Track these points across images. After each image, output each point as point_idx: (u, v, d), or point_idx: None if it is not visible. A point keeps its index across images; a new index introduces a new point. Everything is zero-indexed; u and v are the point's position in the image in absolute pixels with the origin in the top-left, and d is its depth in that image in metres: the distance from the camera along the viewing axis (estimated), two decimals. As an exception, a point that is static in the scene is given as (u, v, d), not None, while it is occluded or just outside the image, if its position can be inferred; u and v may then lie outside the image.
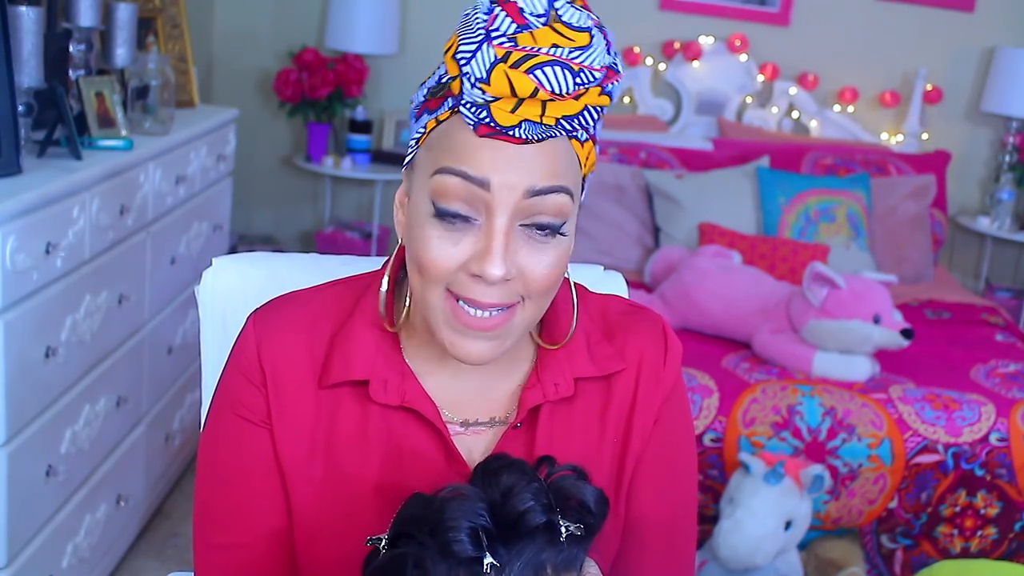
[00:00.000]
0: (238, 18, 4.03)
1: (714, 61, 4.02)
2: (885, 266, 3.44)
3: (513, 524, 0.82)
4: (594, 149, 0.96)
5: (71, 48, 2.34)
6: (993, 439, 2.48)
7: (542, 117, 0.87)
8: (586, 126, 0.91)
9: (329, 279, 1.08)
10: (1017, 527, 2.51)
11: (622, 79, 0.92)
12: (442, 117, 0.91)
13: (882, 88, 4.08)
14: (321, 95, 3.82)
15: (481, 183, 0.88)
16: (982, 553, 2.52)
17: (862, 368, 2.62)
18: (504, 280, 0.89)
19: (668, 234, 3.32)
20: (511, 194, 0.88)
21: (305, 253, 1.37)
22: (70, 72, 2.33)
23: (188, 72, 3.05)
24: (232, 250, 3.34)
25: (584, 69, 0.86)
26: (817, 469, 2.28)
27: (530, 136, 0.88)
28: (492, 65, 0.86)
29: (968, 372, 2.74)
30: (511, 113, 0.87)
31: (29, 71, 2.05)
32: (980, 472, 2.47)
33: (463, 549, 0.80)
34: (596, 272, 1.37)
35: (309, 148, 3.92)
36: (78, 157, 2.09)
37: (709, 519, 2.41)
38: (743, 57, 4.02)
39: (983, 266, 4.17)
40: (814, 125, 4.04)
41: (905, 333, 2.61)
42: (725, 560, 2.24)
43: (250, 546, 1.01)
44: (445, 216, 0.89)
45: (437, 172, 0.90)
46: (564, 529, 0.83)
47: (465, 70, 0.87)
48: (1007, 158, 4.03)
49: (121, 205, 2.22)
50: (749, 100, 4.06)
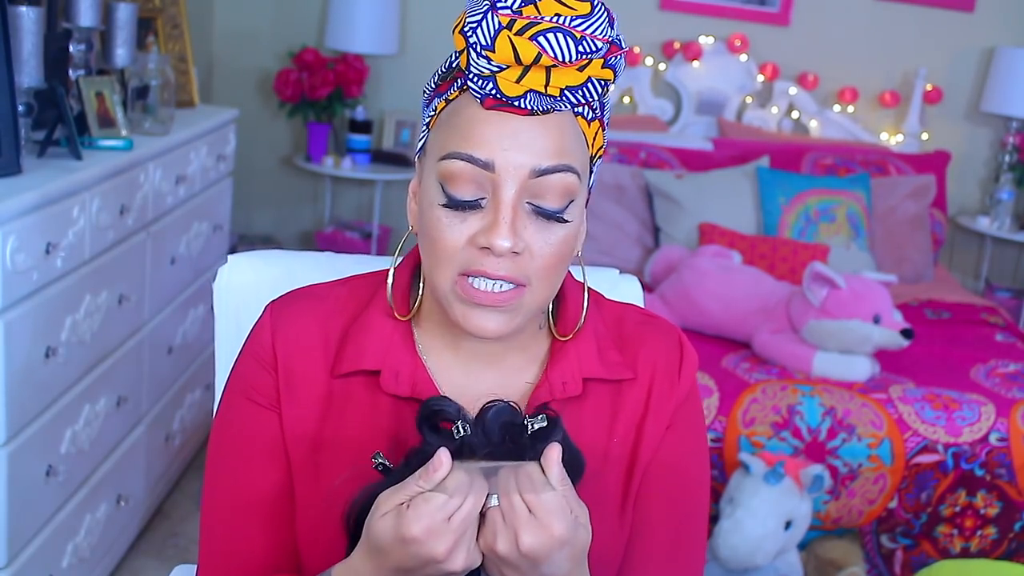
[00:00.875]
0: (238, 18, 4.03)
1: (714, 61, 4.02)
2: (885, 266, 3.44)
3: (484, 426, 0.87)
4: (602, 132, 0.97)
5: (71, 48, 2.34)
6: (993, 439, 2.48)
7: (547, 87, 0.89)
8: (590, 100, 0.93)
9: (342, 277, 1.09)
10: (1017, 527, 2.51)
11: (624, 54, 0.93)
12: (451, 97, 0.94)
13: (882, 88, 4.08)
14: (321, 95, 3.82)
15: (486, 165, 0.90)
16: (982, 553, 2.52)
17: (862, 368, 2.62)
18: (512, 253, 0.91)
19: (668, 234, 3.32)
20: (516, 173, 0.90)
21: (320, 252, 1.38)
22: (70, 72, 2.33)
23: (188, 72, 3.05)
24: (232, 250, 3.34)
25: (586, 37, 0.89)
26: (817, 469, 2.28)
27: (535, 107, 0.90)
28: (496, 32, 0.88)
29: (968, 372, 2.74)
30: (516, 83, 0.89)
31: (29, 71, 2.05)
32: (980, 472, 2.47)
33: (444, 412, 0.87)
34: (612, 275, 1.37)
35: (309, 148, 3.92)
36: (78, 157, 2.09)
37: (709, 519, 2.41)
38: (743, 57, 4.02)
39: (983, 266, 4.17)
40: (814, 125, 4.04)
41: (905, 333, 2.61)
42: (725, 560, 2.24)
43: (254, 528, 1.02)
44: (454, 203, 0.92)
45: (444, 158, 0.92)
46: (530, 424, 0.87)
47: (471, 40, 0.89)
48: (1007, 158, 4.03)
49: (121, 205, 2.22)
50: (749, 100, 4.06)
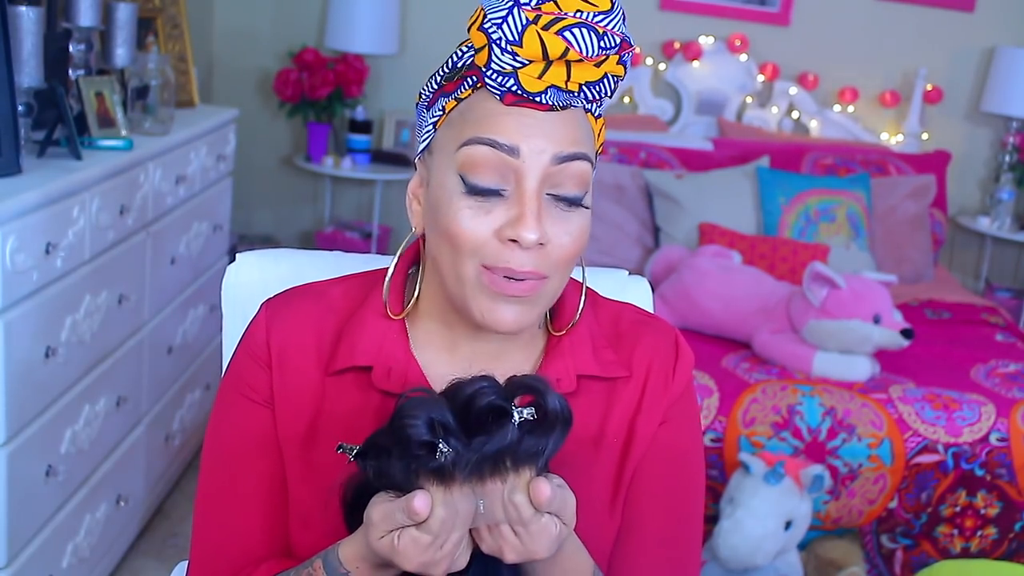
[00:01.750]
0: (238, 18, 4.03)
1: (714, 61, 4.02)
2: (885, 266, 3.44)
3: (466, 412, 0.85)
4: (604, 129, 1.00)
5: (71, 48, 2.34)
6: (993, 439, 2.48)
7: (567, 83, 0.90)
8: (604, 95, 0.94)
9: (338, 276, 1.10)
10: (1017, 527, 2.51)
11: (633, 51, 0.95)
12: (463, 95, 0.94)
13: (882, 88, 4.08)
14: (321, 95, 3.82)
15: (511, 150, 0.91)
16: (982, 553, 2.52)
17: (862, 368, 2.62)
18: (538, 245, 0.92)
19: (668, 234, 3.32)
20: (539, 159, 0.91)
21: (329, 251, 1.39)
22: (70, 72, 2.33)
23: (188, 72, 3.05)
24: (232, 250, 3.33)
25: (608, 33, 0.90)
26: (817, 469, 2.28)
27: (555, 103, 0.91)
28: (524, 27, 0.88)
29: (968, 372, 2.74)
30: (538, 79, 0.90)
31: (29, 71, 2.05)
32: (980, 472, 2.47)
33: (417, 433, 0.83)
34: (620, 276, 1.37)
35: (309, 148, 3.92)
36: (78, 157, 2.09)
37: (709, 519, 2.41)
38: (743, 57, 4.02)
39: (983, 266, 4.17)
40: (814, 125, 4.04)
41: (905, 333, 2.61)
42: (725, 560, 2.24)
43: (247, 519, 1.02)
44: (475, 192, 0.92)
45: (465, 144, 0.92)
46: (518, 415, 0.85)
47: (495, 36, 0.89)
48: (1007, 158, 4.03)
49: (121, 205, 2.22)
50: (749, 100, 4.06)
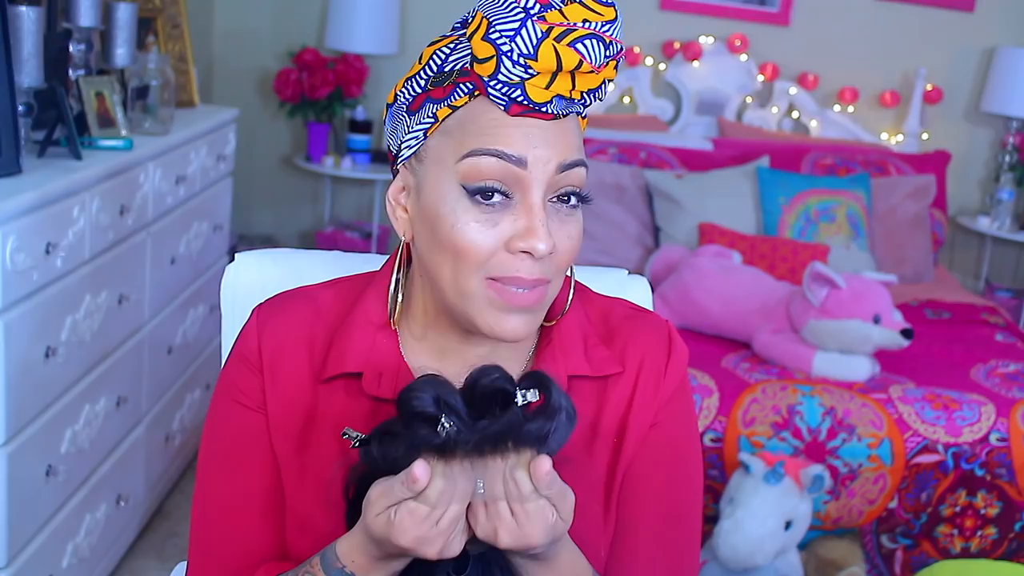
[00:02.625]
0: (238, 18, 4.03)
1: (714, 61, 4.02)
2: (885, 266, 3.44)
3: (472, 393, 0.85)
4: (586, 121, 1.01)
5: (71, 48, 2.34)
6: (993, 439, 2.48)
7: (571, 92, 0.91)
8: (598, 100, 0.95)
9: (329, 280, 1.10)
10: (1017, 527, 2.51)
11: (624, 53, 0.96)
12: (458, 103, 0.93)
13: (882, 88, 4.08)
14: (321, 95, 3.82)
15: (519, 161, 0.91)
16: (982, 553, 2.52)
17: (862, 368, 2.62)
18: (548, 254, 0.92)
19: (668, 234, 3.32)
20: (545, 169, 0.92)
21: (327, 251, 1.39)
22: (70, 72, 2.33)
23: (188, 72, 3.05)
24: (232, 250, 3.33)
25: (613, 42, 0.91)
26: (817, 469, 2.28)
27: (558, 111, 0.92)
28: (540, 41, 0.88)
29: (968, 372, 2.74)
30: (545, 89, 0.90)
31: (29, 71, 2.05)
32: (980, 472, 2.47)
33: (422, 405, 0.84)
34: (620, 276, 1.37)
35: (309, 148, 3.92)
36: (78, 157, 2.09)
37: (709, 519, 2.41)
38: (743, 57, 4.02)
39: (983, 266, 4.17)
40: (814, 125, 4.04)
41: (905, 333, 2.61)
42: (725, 560, 2.24)
43: (244, 523, 1.02)
44: (481, 193, 0.91)
45: (467, 156, 0.91)
46: (521, 396, 0.85)
47: (506, 48, 0.88)
48: (1007, 158, 4.03)
49: (121, 205, 2.22)
50: (749, 100, 4.06)
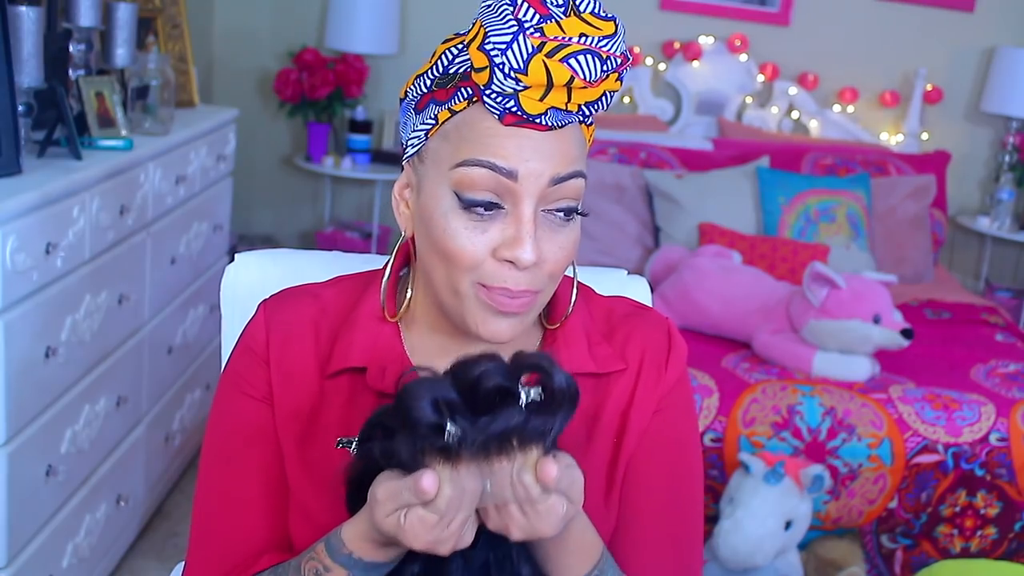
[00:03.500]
0: (238, 18, 4.03)
1: (714, 61, 4.02)
2: (885, 266, 3.44)
3: (473, 393, 0.84)
4: (594, 129, 1.00)
5: (71, 48, 2.34)
6: (993, 439, 2.48)
7: (567, 104, 0.90)
8: (600, 110, 0.94)
9: (334, 277, 1.10)
10: (1017, 527, 2.51)
11: (630, 63, 0.95)
12: (457, 108, 0.93)
13: (882, 88, 4.08)
14: (321, 95, 3.82)
15: (509, 173, 0.91)
16: (982, 553, 2.52)
17: (862, 368, 2.62)
18: (534, 265, 0.92)
19: (668, 234, 3.32)
20: (537, 182, 0.91)
21: (327, 251, 1.39)
22: (70, 72, 2.33)
23: (188, 72, 3.05)
24: (232, 250, 3.34)
25: (611, 56, 0.90)
26: (817, 469, 2.28)
27: (554, 123, 0.91)
28: (530, 55, 0.88)
29: (968, 372, 2.74)
30: (539, 101, 0.89)
31: (29, 71, 2.05)
32: (980, 472, 2.47)
33: (424, 415, 0.82)
34: (620, 276, 1.38)
35: (309, 148, 3.92)
36: (78, 157, 2.09)
37: (709, 519, 2.41)
38: (743, 57, 4.02)
39: (983, 266, 4.17)
40: (814, 125, 4.04)
41: (905, 333, 2.61)
42: (725, 560, 2.24)
43: (246, 514, 1.03)
44: (473, 206, 0.92)
45: (460, 165, 0.92)
46: (525, 395, 0.84)
47: (498, 61, 0.88)
48: (1007, 158, 4.03)
49: (121, 205, 2.22)
50: (749, 100, 4.06)
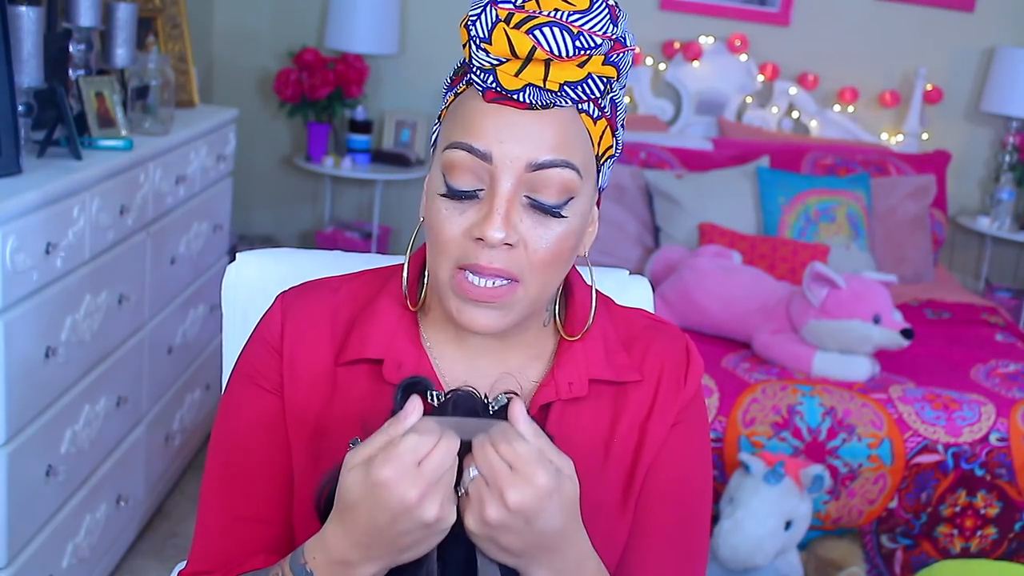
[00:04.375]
0: (238, 18, 4.03)
1: (714, 61, 4.02)
2: (885, 266, 3.44)
3: (455, 408, 0.87)
4: (611, 132, 0.97)
5: (71, 48, 2.34)
6: (993, 439, 2.48)
7: (545, 81, 0.90)
8: (593, 97, 0.93)
9: (354, 272, 1.11)
10: (1017, 527, 2.51)
11: (631, 53, 0.94)
12: (460, 90, 0.96)
13: (882, 88, 4.08)
14: (321, 95, 3.82)
15: (484, 155, 0.91)
16: (982, 553, 2.52)
17: (862, 368, 2.62)
18: (505, 245, 0.92)
19: (668, 234, 3.32)
20: (513, 166, 0.91)
21: (329, 251, 1.39)
22: (70, 72, 2.33)
23: (188, 72, 3.05)
24: (232, 250, 3.33)
25: (583, 33, 0.89)
26: (817, 469, 2.28)
27: (534, 101, 0.91)
28: (493, 24, 0.89)
29: (968, 372, 2.74)
30: (515, 77, 0.90)
31: (29, 71, 2.05)
32: (980, 472, 2.47)
33: (416, 383, 0.85)
34: (621, 276, 1.38)
35: (309, 148, 3.92)
36: (78, 157, 2.09)
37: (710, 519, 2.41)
38: (743, 57, 4.02)
39: (983, 266, 4.17)
40: (814, 125, 4.04)
41: (905, 333, 2.61)
42: (725, 560, 2.24)
43: (253, 505, 1.02)
44: (454, 195, 0.93)
45: (447, 148, 0.94)
46: (495, 401, 0.88)
47: (472, 33, 0.91)
48: (1007, 158, 4.03)
49: (121, 205, 2.22)
50: (749, 100, 4.06)
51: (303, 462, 1.02)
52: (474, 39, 0.90)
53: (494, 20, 0.89)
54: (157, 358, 2.54)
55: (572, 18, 0.89)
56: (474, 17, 0.90)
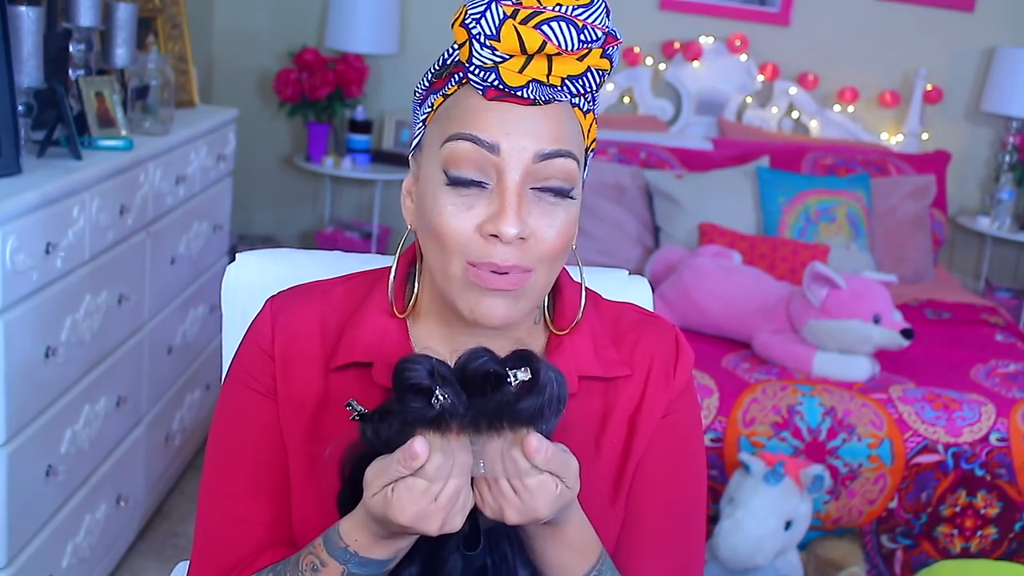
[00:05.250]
0: (238, 18, 4.03)
1: (714, 61, 4.02)
2: (885, 266, 3.44)
3: (464, 375, 0.86)
4: (595, 124, 1.00)
5: (71, 48, 2.34)
6: (993, 439, 2.48)
7: (548, 77, 0.91)
8: (589, 90, 0.94)
9: (342, 275, 1.11)
10: (1017, 527, 2.51)
11: (620, 45, 0.95)
12: (450, 92, 0.95)
13: (882, 88, 4.08)
14: (321, 95, 3.82)
15: (491, 147, 0.92)
16: (982, 553, 2.52)
17: (862, 368, 2.62)
18: (519, 239, 0.92)
19: (668, 234, 3.32)
20: (520, 157, 0.92)
21: (328, 251, 1.39)
22: (70, 72, 2.33)
23: (188, 72, 3.05)
24: (232, 250, 3.33)
25: (588, 26, 0.90)
26: (817, 469, 2.28)
27: (537, 97, 0.92)
28: (501, 21, 0.89)
29: (968, 372, 2.74)
30: (519, 73, 0.90)
31: (29, 71, 2.05)
32: (980, 472, 2.47)
33: (417, 376, 0.84)
34: (621, 276, 1.38)
35: (309, 148, 3.92)
36: (78, 157, 2.09)
37: (709, 519, 2.41)
38: (743, 57, 4.02)
39: (983, 266, 4.17)
40: (814, 125, 4.04)
41: (905, 333, 2.61)
42: (725, 560, 2.24)
43: (251, 507, 1.03)
44: (458, 183, 0.93)
45: (448, 140, 0.93)
46: (513, 377, 0.85)
47: (475, 31, 0.90)
48: (1007, 158, 4.03)
49: (121, 205, 2.22)
50: (749, 100, 4.06)
51: (299, 464, 1.02)
52: (477, 37, 0.90)
53: (501, 17, 0.89)
54: (157, 358, 2.54)
55: (576, 12, 0.90)
56: (477, 15, 0.90)
